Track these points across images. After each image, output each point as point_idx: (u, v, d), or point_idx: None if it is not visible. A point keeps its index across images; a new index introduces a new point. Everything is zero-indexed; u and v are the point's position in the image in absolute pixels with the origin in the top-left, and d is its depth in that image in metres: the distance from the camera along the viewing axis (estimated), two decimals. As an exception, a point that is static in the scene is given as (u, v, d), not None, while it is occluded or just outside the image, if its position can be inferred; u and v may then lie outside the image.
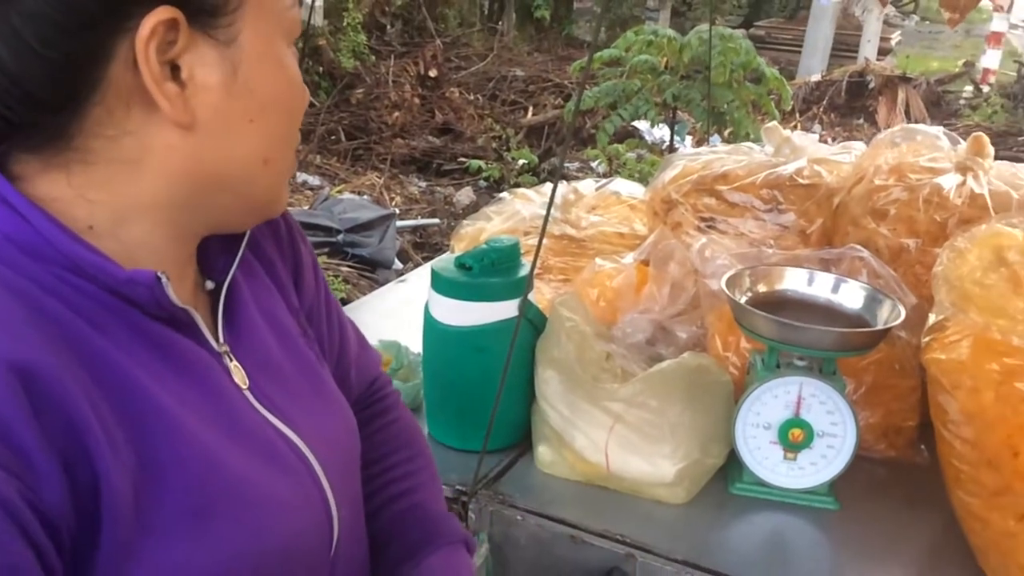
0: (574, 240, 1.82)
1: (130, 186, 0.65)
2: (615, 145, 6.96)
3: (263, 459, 0.71)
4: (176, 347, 0.69)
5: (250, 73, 0.66)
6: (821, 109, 8.64)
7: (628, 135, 7.28)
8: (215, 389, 0.71)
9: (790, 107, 7.67)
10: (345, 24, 9.54)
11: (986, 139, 1.54)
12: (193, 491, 0.64)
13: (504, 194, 2.02)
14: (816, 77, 9.28)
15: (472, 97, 9.00)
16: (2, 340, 0.57)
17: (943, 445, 1.11)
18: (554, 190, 1.36)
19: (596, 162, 7.15)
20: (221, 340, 0.75)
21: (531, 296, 1.35)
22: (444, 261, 1.37)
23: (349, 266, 4.89)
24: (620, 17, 12.14)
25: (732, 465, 1.30)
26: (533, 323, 1.35)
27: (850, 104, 8.68)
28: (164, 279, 0.65)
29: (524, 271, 1.34)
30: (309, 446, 0.76)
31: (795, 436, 1.23)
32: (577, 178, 3.32)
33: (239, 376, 0.74)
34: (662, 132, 7.28)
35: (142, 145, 0.64)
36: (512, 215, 1.86)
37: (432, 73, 9.24)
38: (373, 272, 5.00)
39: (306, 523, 0.74)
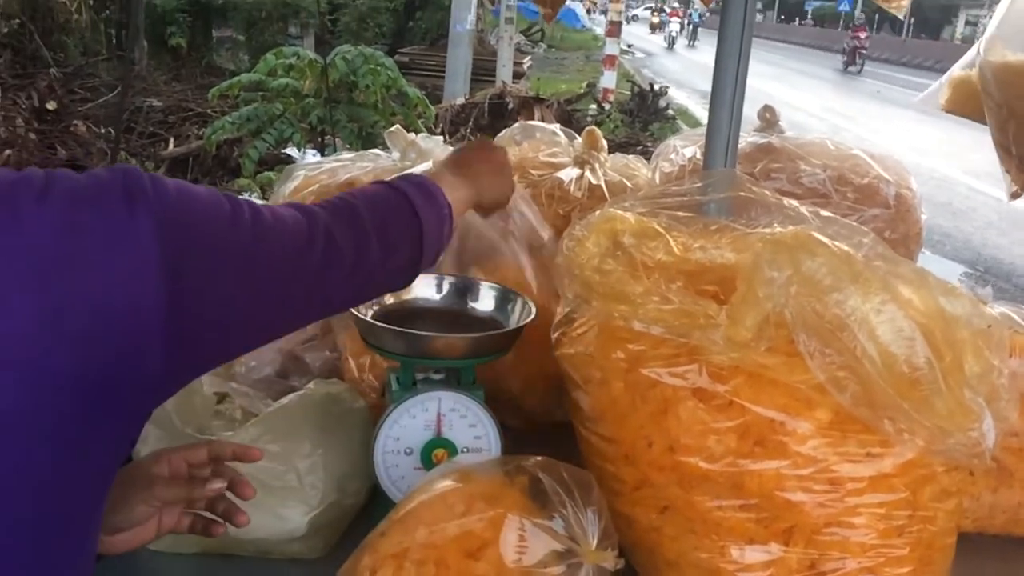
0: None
1: None
2: (266, 173, 6.66)
3: None
4: None
5: None
6: (468, 130, 8.98)
7: (281, 162, 7.00)
8: None
9: (437, 126, 7.87)
10: (-60, 56, 8.26)
11: (599, 132, 1.57)
12: None
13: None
14: (460, 100, 9.65)
15: (103, 130, 8.15)
16: None
17: (584, 445, 1.06)
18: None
19: (248, 193, 6.78)
20: None
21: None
22: None
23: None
24: (263, 45, 11.77)
25: (378, 502, 1.16)
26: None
27: (493, 124, 9.11)
28: None
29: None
30: None
31: (439, 457, 1.12)
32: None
33: None
34: (316, 157, 7.11)
35: None
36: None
37: (51, 106, 8.27)
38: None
39: None
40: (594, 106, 10.68)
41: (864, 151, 1.55)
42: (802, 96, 15.18)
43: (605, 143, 1.57)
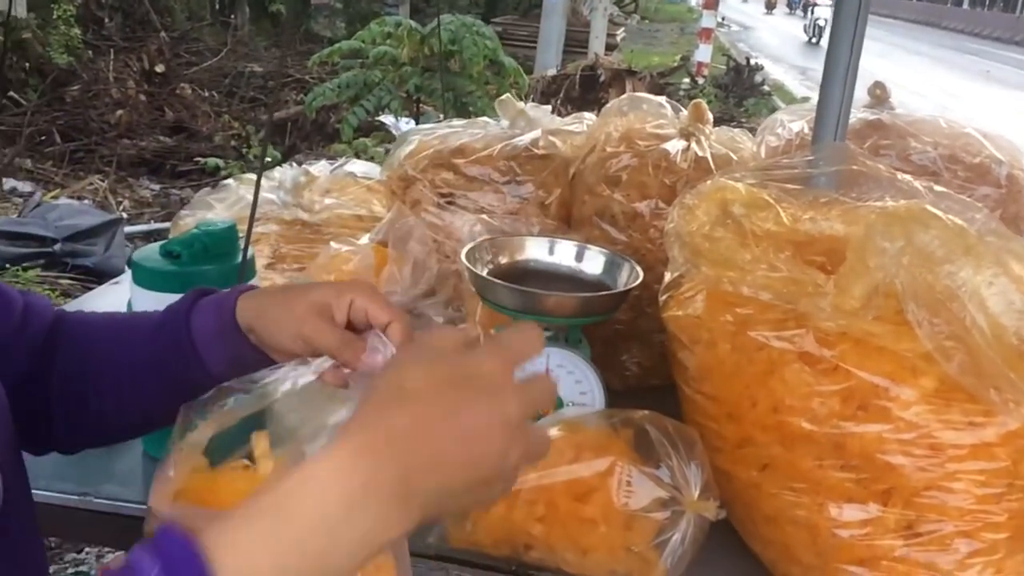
0: (308, 225, 1.68)
1: None
2: (362, 139, 6.81)
3: None
4: None
5: None
6: (559, 101, 8.98)
7: (375, 129, 7.15)
8: None
9: (528, 98, 7.90)
10: (56, 17, 8.68)
11: (705, 106, 1.59)
12: None
13: (229, 181, 1.84)
14: (552, 71, 9.65)
15: (207, 94, 8.45)
16: None
17: (687, 403, 1.11)
18: (259, 176, 1.20)
19: (344, 158, 6.95)
20: None
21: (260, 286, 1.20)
22: (148, 251, 1.19)
23: (71, 278, 4.37)
24: (360, 13, 11.98)
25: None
26: (258, 314, 1.20)
27: (584, 96, 9.08)
28: None
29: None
30: None
31: (546, 409, 1.18)
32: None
33: None
34: (410, 125, 7.22)
35: None
36: (236, 201, 1.68)
37: (159, 69, 8.59)
38: (101, 283, 4.52)
39: None
40: (687, 80, 10.53)
41: (976, 130, 1.53)
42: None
43: (711, 116, 1.60)
